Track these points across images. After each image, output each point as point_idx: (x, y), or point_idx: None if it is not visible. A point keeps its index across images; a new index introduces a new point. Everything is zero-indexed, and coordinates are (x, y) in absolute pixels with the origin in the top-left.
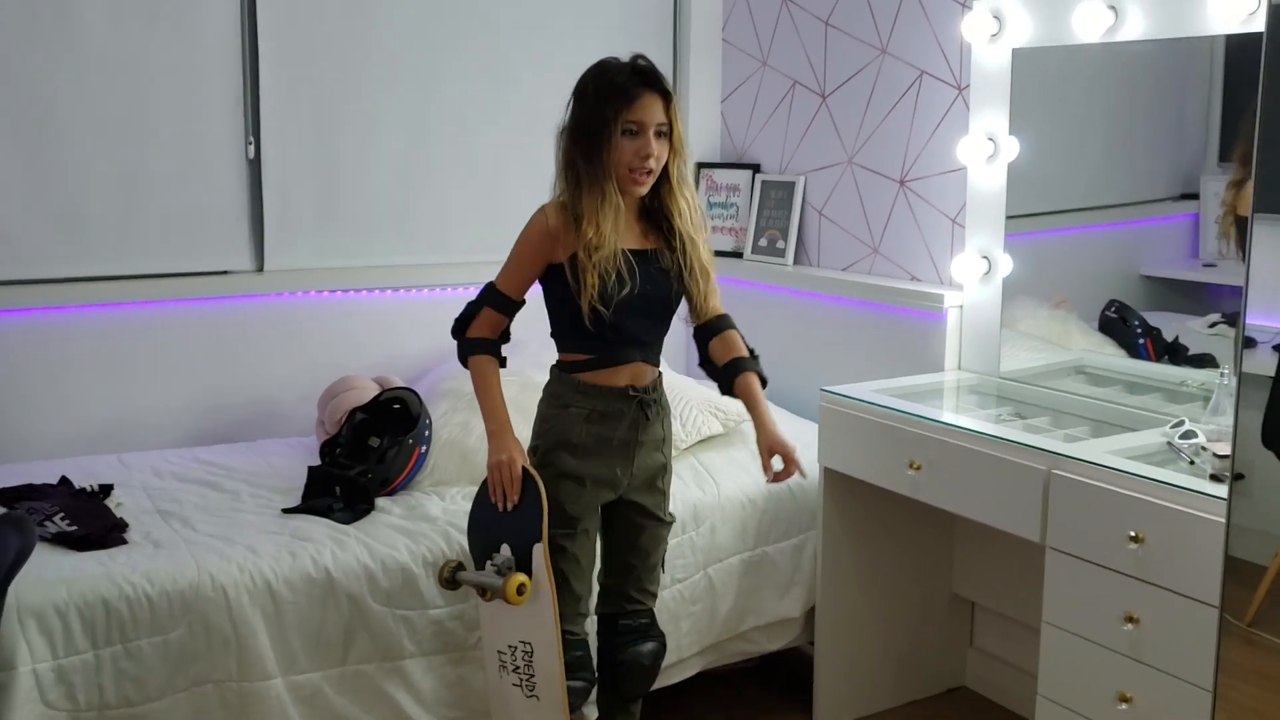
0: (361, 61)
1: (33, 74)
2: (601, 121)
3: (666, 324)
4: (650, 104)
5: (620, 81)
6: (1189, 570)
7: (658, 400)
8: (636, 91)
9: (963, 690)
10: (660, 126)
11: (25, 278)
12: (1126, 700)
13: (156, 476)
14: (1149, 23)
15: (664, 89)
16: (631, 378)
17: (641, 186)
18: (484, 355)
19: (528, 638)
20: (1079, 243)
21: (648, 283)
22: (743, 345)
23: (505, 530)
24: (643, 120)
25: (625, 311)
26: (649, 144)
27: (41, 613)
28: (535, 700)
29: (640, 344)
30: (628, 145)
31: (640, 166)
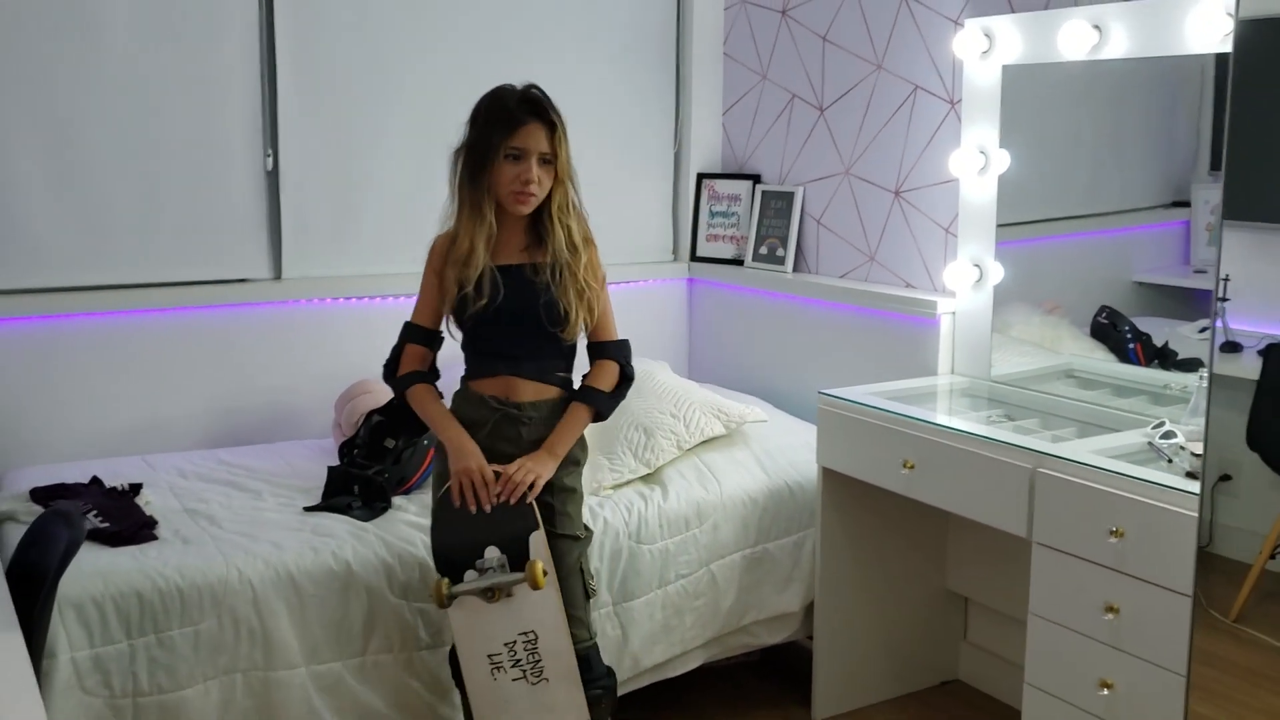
0: (376, 76)
1: (59, 88)
2: (487, 145)
3: (542, 340)
4: (533, 132)
5: (509, 108)
6: (1166, 562)
7: (543, 421)
8: (521, 119)
9: (956, 683)
10: (544, 154)
11: (53, 285)
12: (1108, 686)
13: (182, 477)
14: (1132, 42)
15: (549, 119)
16: (501, 390)
17: (524, 206)
18: (417, 385)
19: (530, 627)
20: (1071, 250)
21: (513, 297)
22: (610, 377)
23: (487, 533)
24: (525, 147)
25: (486, 325)
26: (530, 169)
27: (80, 604)
28: (545, 683)
29: (505, 357)
30: (509, 170)
31: (521, 190)
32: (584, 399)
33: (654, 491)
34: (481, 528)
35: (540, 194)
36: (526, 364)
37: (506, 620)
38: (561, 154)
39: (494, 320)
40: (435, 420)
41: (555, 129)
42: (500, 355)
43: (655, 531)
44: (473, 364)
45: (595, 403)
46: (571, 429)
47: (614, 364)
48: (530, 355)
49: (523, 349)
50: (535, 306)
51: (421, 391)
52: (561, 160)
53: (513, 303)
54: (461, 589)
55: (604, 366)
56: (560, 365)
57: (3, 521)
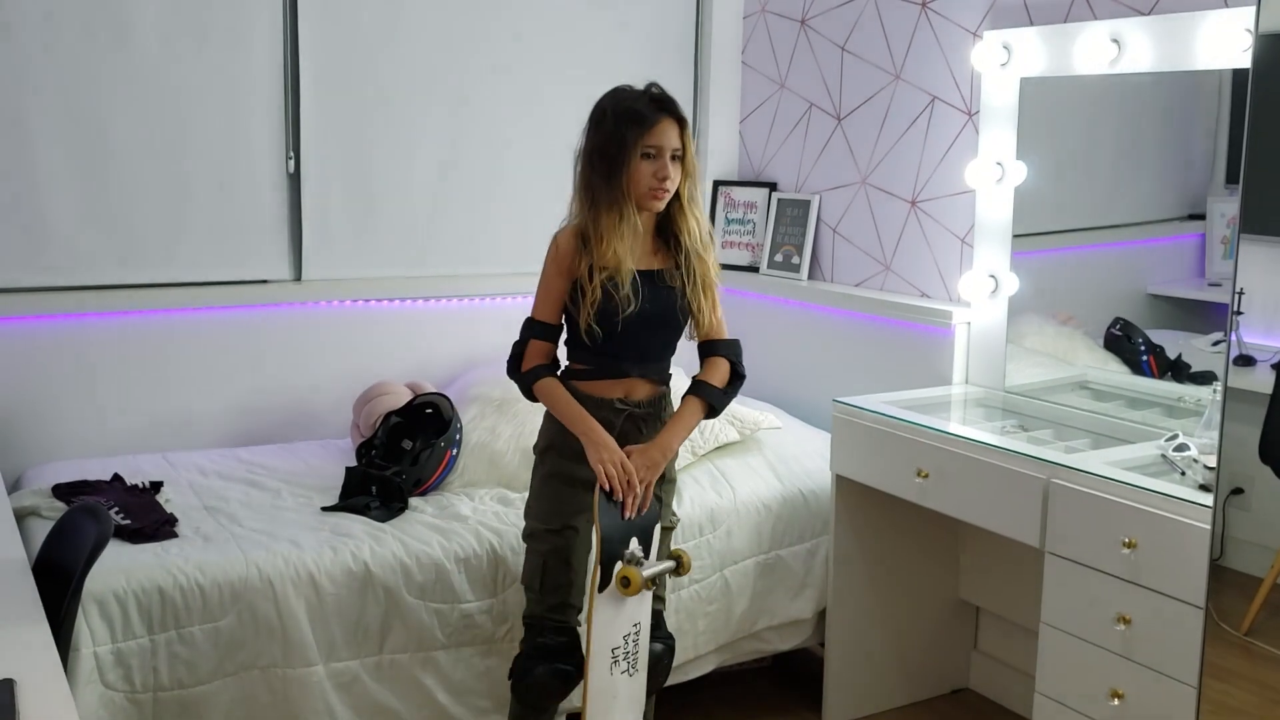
0: (397, 81)
1: (88, 91)
2: (620, 146)
3: (671, 342)
4: (667, 129)
5: (639, 108)
6: (1178, 574)
7: (655, 416)
8: (655, 117)
9: (966, 691)
10: (675, 150)
11: (79, 284)
12: (1118, 696)
13: (201, 475)
14: (1151, 57)
15: (679, 115)
16: (625, 392)
17: (659, 203)
18: (546, 378)
19: (639, 618)
20: (1086, 261)
21: (652, 301)
22: (722, 374)
23: (630, 526)
24: (660, 144)
25: (626, 329)
26: (665, 166)
27: (102, 599)
28: (637, 674)
29: (638, 361)
30: (646, 168)
31: (658, 187)
32: (699, 393)
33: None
34: (626, 520)
35: (673, 190)
36: (651, 366)
37: (628, 613)
38: (690, 150)
39: (638, 325)
40: (569, 413)
41: (684, 124)
42: (629, 358)
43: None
44: (596, 364)
45: (710, 397)
46: (686, 424)
47: (726, 361)
48: (657, 357)
49: (653, 352)
50: (674, 311)
51: (551, 384)
52: (689, 156)
53: (654, 308)
54: (650, 572)
55: (716, 363)
56: (669, 365)
57: (26, 517)
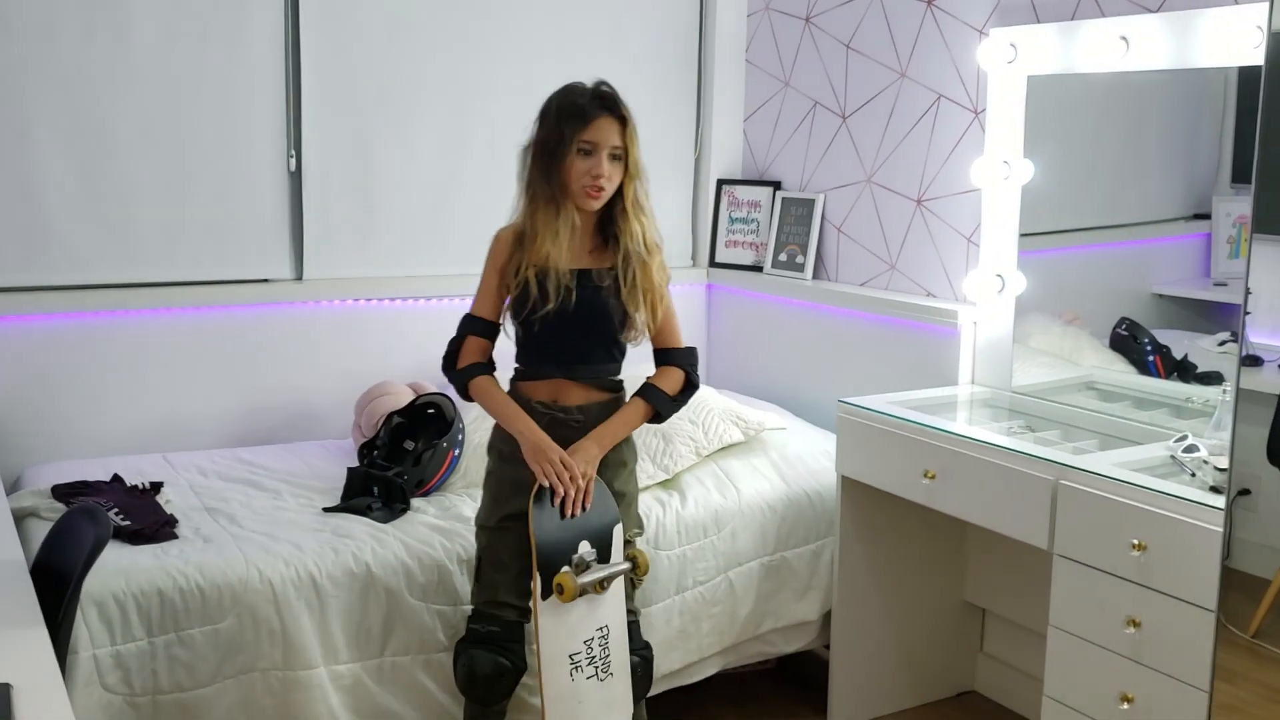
0: (399, 79)
1: (87, 87)
2: (559, 140)
3: (603, 345)
4: (605, 126)
5: (580, 103)
6: (1188, 577)
7: (585, 422)
8: (594, 113)
9: (972, 694)
10: (614, 149)
11: (78, 283)
12: (1128, 700)
13: (202, 475)
14: (1158, 54)
15: (620, 114)
16: (553, 395)
17: (594, 201)
18: (480, 377)
19: (605, 621)
20: (1092, 261)
21: (581, 301)
22: (675, 382)
23: (580, 528)
24: (596, 141)
25: (545, 328)
26: (600, 164)
27: (101, 601)
28: (610, 678)
29: (560, 361)
30: (581, 164)
31: (591, 184)
32: (645, 396)
33: (672, 498)
34: (574, 523)
35: (610, 189)
36: (581, 368)
37: (588, 617)
38: (632, 150)
39: (559, 324)
40: (502, 412)
41: (626, 124)
42: (555, 358)
43: (673, 538)
44: (525, 364)
45: (655, 401)
46: (625, 422)
47: (679, 371)
48: (587, 359)
49: (581, 354)
50: (605, 312)
51: (486, 383)
52: (632, 157)
53: (583, 308)
54: (590, 579)
55: (669, 371)
56: (613, 369)
57: (25, 518)
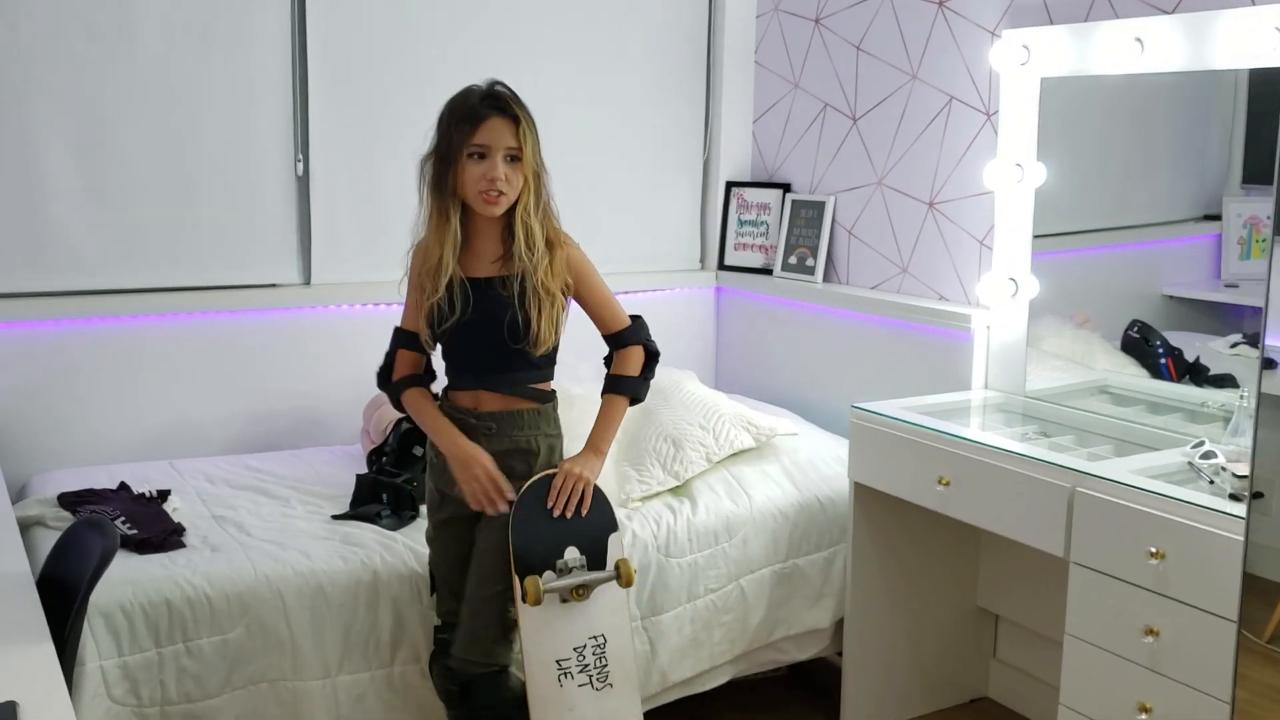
0: (407, 81)
1: (94, 94)
2: (449, 146)
3: (514, 355)
4: (495, 127)
5: (470, 105)
6: (1208, 586)
7: (496, 429)
8: (483, 114)
9: (985, 700)
10: (510, 150)
11: (84, 289)
12: (1146, 711)
13: (209, 482)
14: (1173, 56)
15: (513, 113)
16: (471, 402)
17: (493, 207)
18: (411, 389)
19: (600, 630)
20: (1102, 263)
21: (476, 310)
22: (636, 362)
23: (567, 534)
24: (488, 143)
25: (454, 338)
26: (495, 167)
27: (108, 612)
28: (609, 688)
29: (474, 371)
30: (474, 169)
31: (488, 189)
32: (616, 389)
33: (683, 504)
34: (561, 528)
35: (510, 192)
36: (495, 378)
37: (579, 623)
38: (527, 149)
39: (462, 334)
40: (430, 425)
41: (519, 123)
42: (469, 368)
43: (684, 545)
44: (449, 375)
45: (629, 390)
46: (613, 421)
47: (637, 348)
48: (499, 369)
49: (492, 363)
50: (501, 322)
51: (415, 396)
52: (527, 156)
53: (479, 317)
54: (555, 585)
55: (627, 353)
56: (533, 377)
57: (31, 526)
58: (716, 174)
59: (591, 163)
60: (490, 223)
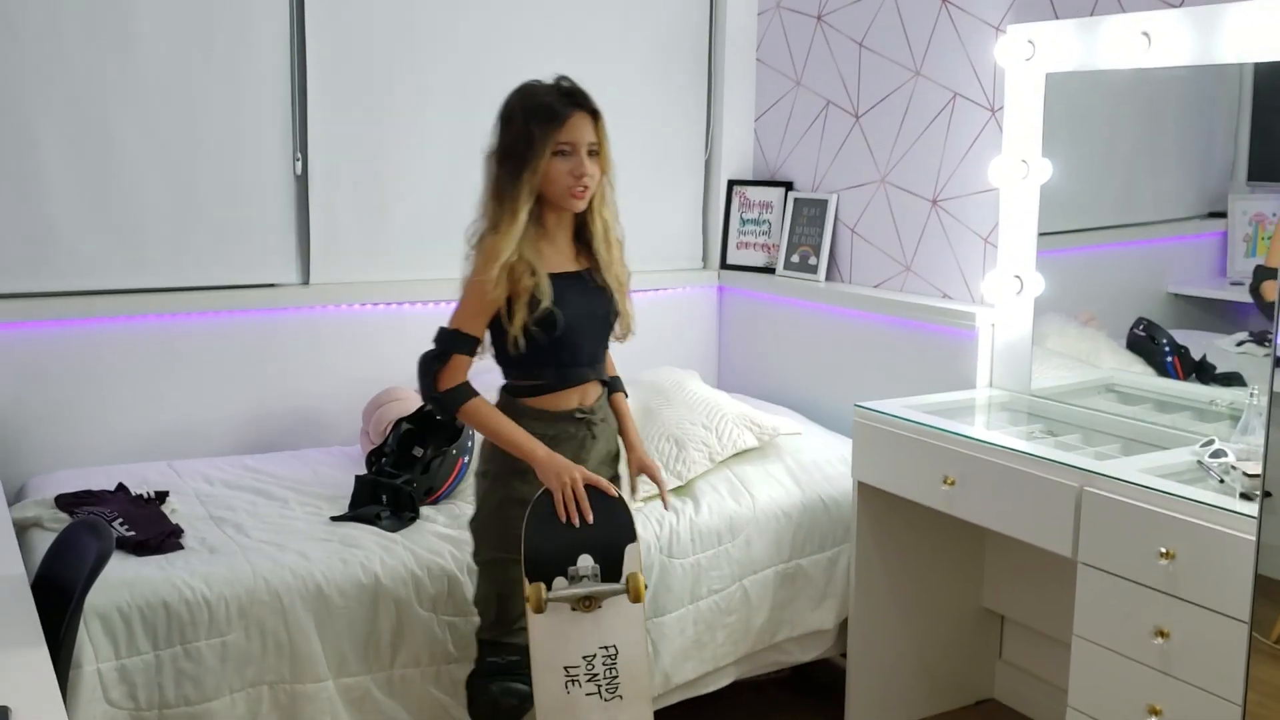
0: (406, 80)
1: (93, 93)
2: (529, 143)
3: (601, 345)
4: (580, 123)
5: (549, 102)
6: (1219, 586)
7: (604, 419)
8: (567, 112)
9: (991, 702)
10: (591, 146)
11: (83, 289)
12: (1156, 713)
13: (208, 484)
14: (1182, 50)
15: (593, 108)
16: (580, 399)
17: (580, 201)
18: (476, 399)
19: (612, 641)
20: (1107, 260)
21: (583, 303)
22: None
23: (583, 541)
24: (574, 140)
25: (570, 334)
26: (582, 163)
27: (106, 614)
28: (618, 701)
29: (587, 364)
30: (561, 166)
31: (575, 185)
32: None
33: (685, 504)
34: (577, 534)
35: (594, 187)
36: (590, 371)
37: (590, 633)
38: (605, 144)
39: (571, 331)
40: (513, 438)
41: (599, 117)
42: (581, 363)
43: (687, 545)
44: (549, 376)
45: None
46: (630, 419)
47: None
48: (594, 361)
49: (598, 353)
50: (603, 315)
51: (484, 406)
52: (605, 151)
53: (590, 310)
54: (560, 595)
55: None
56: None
57: (28, 528)
58: (718, 172)
59: None
60: (562, 218)
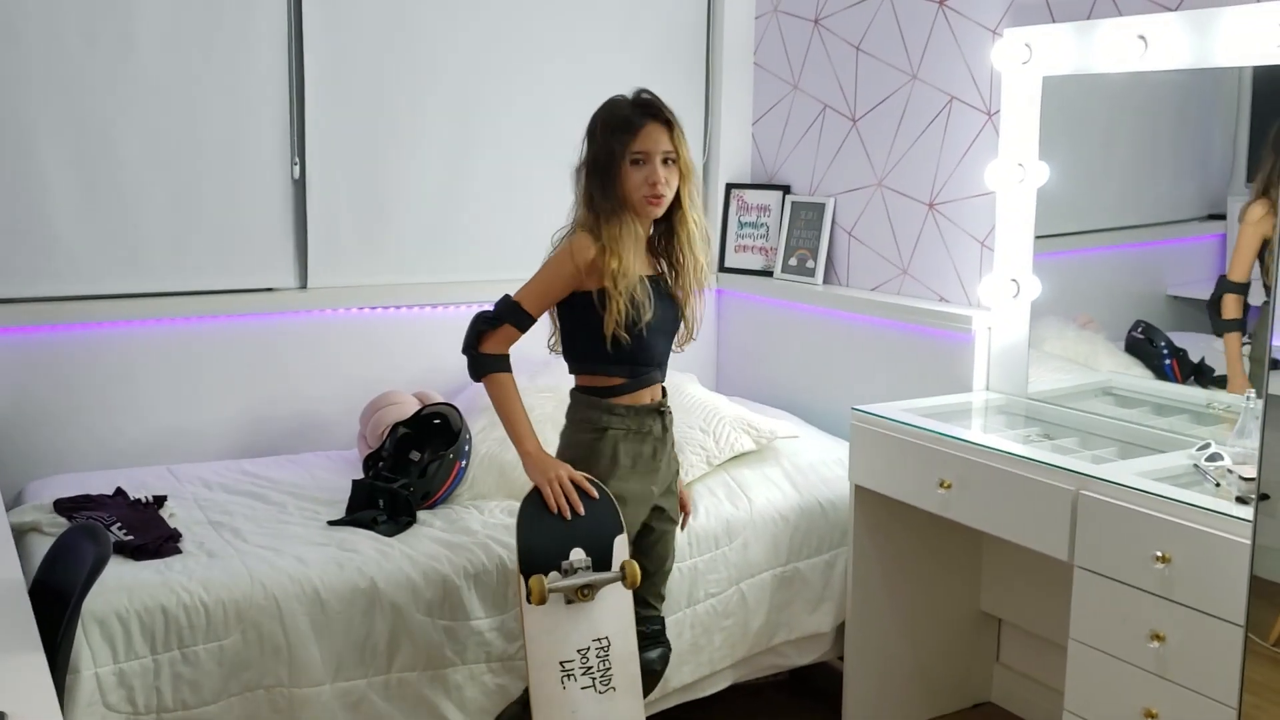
0: (404, 86)
1: (91, 98)
2: (610, 155)
3: (670, 346)
4: (654, 133)
5: (625, 115)
6: (1214, 590)
7: (670, 410)
8: (640, 123)
9: (988, 705)
10: (667, 154)
11: (81, 293)
12: (1152, 716)
13: (206, 488)
14: (1178, 53)
15: (666, 118)
16: (653, 395)
17: (656, 208)
18: (505, 373)
19: (603, 633)
20: (1105, 263)
21: (662, 307)
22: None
23: (573, 535)
24: (648, 149)
25: (650, 335)
26: (656, 171)
27: (104, 619)
28: (611, 693)
29: (660, 366)
30: (636, 174)
31: (651, 193)
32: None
33: None
34: (567, 529)
35: (670, 194)
36: (659, 373)
37: (583, 625)
38: (683, 152)
39: (654, 332)
40: (516, 420)
41: (673, 127)
42: (658, 363)
43: (684, 549)
44: (631, 375)
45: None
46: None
47: None
48: (663, 363)
49: (668, 354)
50: (674, 318)
51: (506, 381)
52: (683, 158)
53: (665, 314)
54: (560, 584)
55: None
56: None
57: (26, 533)
58: (716, 176)
59: None
60: (645, 225)
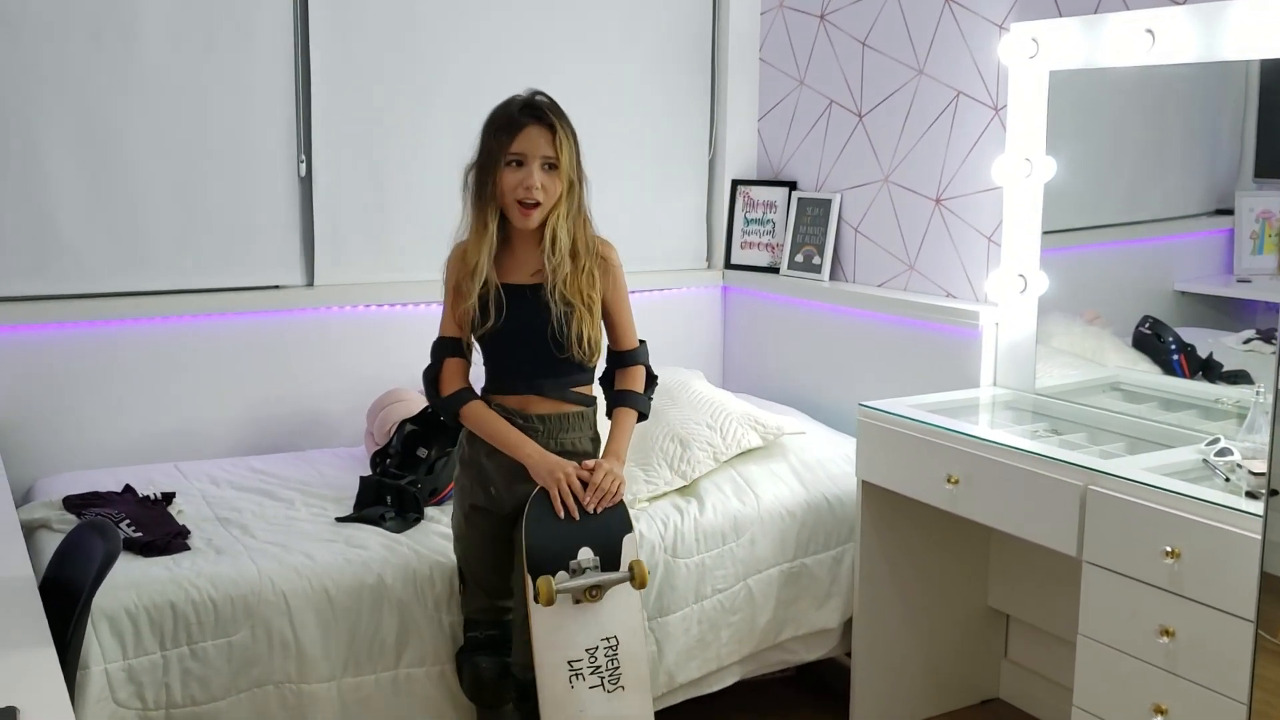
0: (410, 82)
1: (97, 95)
2: (489, 154)
3: (554, 361)
4: (533, 135)
5: (509, 114)
6: (1224, 585)
7: (548, 434)
8: (521, 123)
9: (997, 701)
10: (546, 159)
11: (89, 291)
12: (1162, 712)
13: (214, 485)
14: (1186, 47)
15: (550, 121)
16: (520, 406)
17: (528, 218)
18: (472, 402)
19: (613, 632)
20: (1113, 258)
21: (518, 318)
22: (639, 380)
23: (580, 534)
24: (525, 151)
25: (498, 344)
26: (531, 175)
27: (113, 615)
28: (620, 692)
29: (524, 376)
30: (512, 177)
31: (525, 197)
32: (627, 403)
33: (690, 504)
34: (575, 528)
35: (546, 201)
36: (544, 383)
37: (591, 625)
38: (564, 157)
39: (505, 341)
40: (503, 437)
41: (555, 131)
42: (520, 374)
43: (691, 545)
44: (491, 380)
45: (638, 405)
46: (626, 432)
47: (640, 368)
48: (546, 374)
49: (541, 369)
50: (542, 330)
51: (479, 409)
52: (563, 164)
53: (517, 325)
54: (569, 585)
55: (632, 372)
56: (581, 381)
57: (36, 529)
58: (722, 172)
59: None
60: (532, 231)
